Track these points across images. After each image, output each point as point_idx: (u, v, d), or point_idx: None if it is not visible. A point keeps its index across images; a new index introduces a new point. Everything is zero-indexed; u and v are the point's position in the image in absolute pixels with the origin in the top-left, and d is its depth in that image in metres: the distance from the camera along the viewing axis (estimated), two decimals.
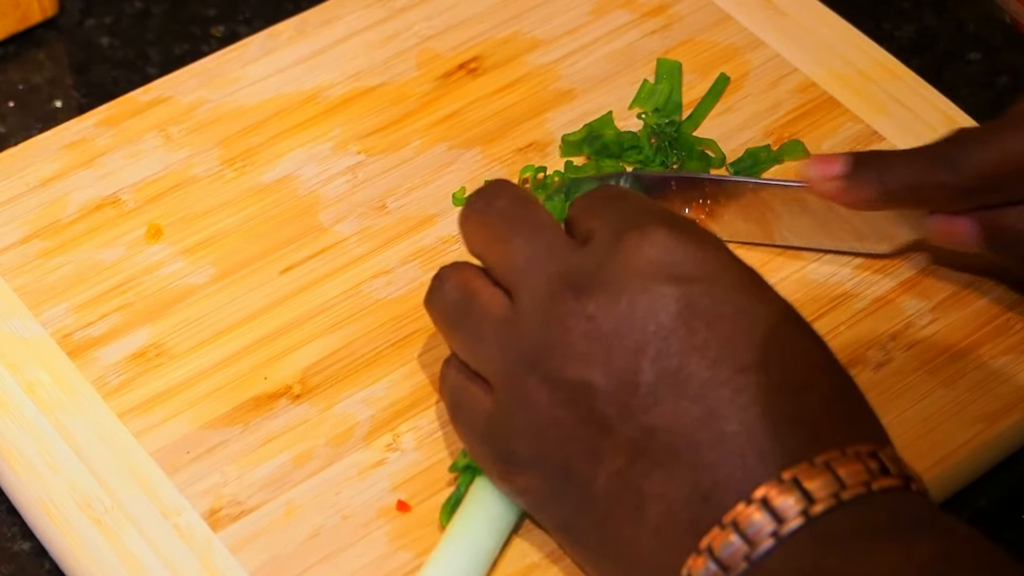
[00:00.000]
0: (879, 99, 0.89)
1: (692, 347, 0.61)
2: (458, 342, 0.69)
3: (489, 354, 0.67)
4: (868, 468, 0.60)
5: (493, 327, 0.67)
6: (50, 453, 0.74)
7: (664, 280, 0.62)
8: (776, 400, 0.60)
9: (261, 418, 0.76)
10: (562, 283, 0.64)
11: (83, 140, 0.86)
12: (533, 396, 0.64)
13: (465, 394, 0.69)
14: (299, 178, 0.85)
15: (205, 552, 0.72)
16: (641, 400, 0.62)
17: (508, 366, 0.65)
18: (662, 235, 0.63)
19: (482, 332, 0.67)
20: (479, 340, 0.67)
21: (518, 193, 0.69)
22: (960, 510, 0.76)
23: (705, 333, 0.62)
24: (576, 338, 0.63)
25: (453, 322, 0.69)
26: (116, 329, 0.79)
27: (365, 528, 0.73)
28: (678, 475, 0.61)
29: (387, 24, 0.92)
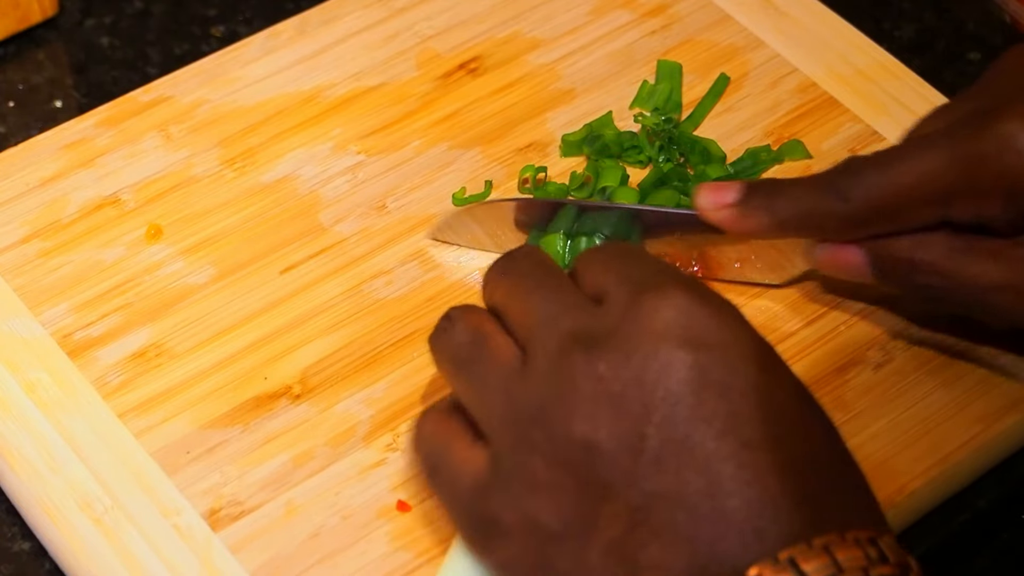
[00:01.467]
0: (879, 99, 0.89)
1: (699, 416, 0.60)
2: (462, 385, 0.67)
3: (493, 401, 0.64)
4: (867, 554, 0.58)
5: (501, 375, 0.65)
6: (50, 453, 0.74)
7: (677, 344, 0.61)
8: (779, 479, 0.59)
9: (261, 418, 0.76)
10: (574, 340, 0.62)
11: (83, 140, 0.86)
12: (534, 451, 0.62)
13: (447, 453, 0.66)
14: (299, 178, 0.85)
15: (205, 552, 0.72)
16: (644, 466, 0.60)
17: (512, 416, 0.63)
18: (680, 298, 0.62)
19: (489, 378, 0.65)
20: (485, 386, 0.65)
21: (543, 258, 0.68)
22: (960, 510, 0.76)
23: (713, 403, 0.60)
24: (584, 396, 0.61)
25: (460, 364, 0.67)
26: (116, 329, 0.79)
27: (365, 528, 0.73)
28: (676, 547, 0.59)
29: (387, 24, 0.92)
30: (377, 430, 0.76)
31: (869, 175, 0.71)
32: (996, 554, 0.78)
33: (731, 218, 0.74)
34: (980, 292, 0.71)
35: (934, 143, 0.70)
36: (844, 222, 0.72)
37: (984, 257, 0.71)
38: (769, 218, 0.73)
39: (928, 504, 0.75)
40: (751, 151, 0.86)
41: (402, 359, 0.78)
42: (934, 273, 0.72)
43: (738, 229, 0.75)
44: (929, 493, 0.75)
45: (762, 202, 0.73)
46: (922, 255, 0.72)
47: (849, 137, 0.87)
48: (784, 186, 0.74)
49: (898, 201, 0.71)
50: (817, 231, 0.74)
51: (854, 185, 0.71)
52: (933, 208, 0.71)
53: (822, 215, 0.72)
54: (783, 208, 0.73)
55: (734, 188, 0.74)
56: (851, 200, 0.71)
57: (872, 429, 0.76)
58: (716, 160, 0.85)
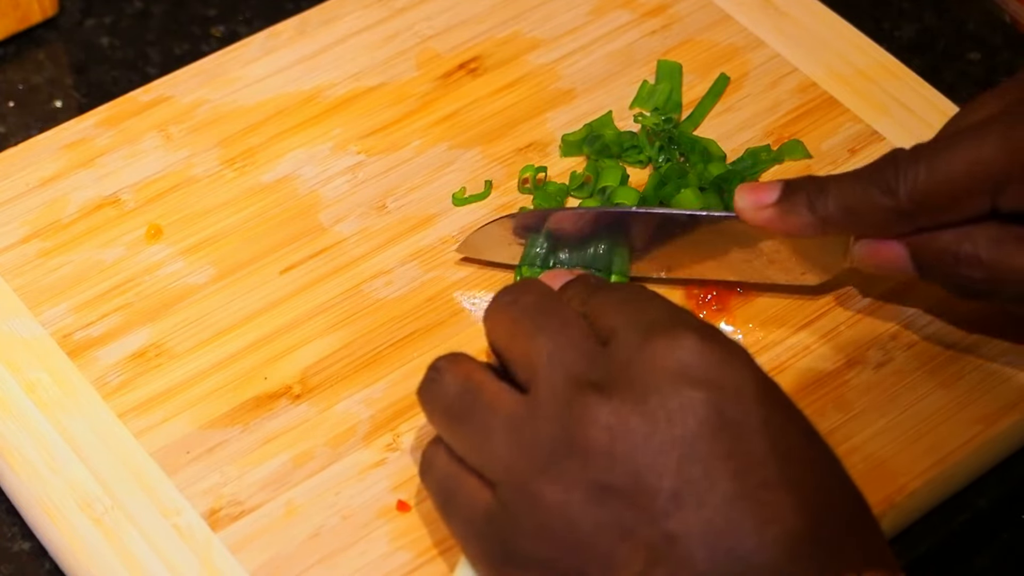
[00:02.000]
0: (879, 99, 0.89)
1: (716, 455, 0.60)
2: (459, 437, 0.66)
3: (496, 451, 0.63)
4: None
5: (502, 422, 0.64)
6: (50, 453, 0.74)
7: (693, 385, 0.61)
8: (798, 519, 0.59)
9: (261, 418, 0.76)
10: (585, 381, 0.62)
11: (83, 140, 0.86)
12: (546, 497, 0.62)
13: (460, 485, 0.66)
14: (299, 178, 0.85)
15: (205, 552, 0.72)
16: (663, 505, 0.60)
17: (519, 464, 0.62)
18: (692, 340, 0.62)
19: (489, 427, 0.64)
20: (485, 436, 0.64)
21: (545, 291, 0.67)
22: (960, 510, 0.76)
23: (729, 443, 0.60)
24: (598, 438, 0.61)
25: (454, 416, 0.66)
26: (116, 329, 0.79)
27: (365, 528, 0.73)
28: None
29: (387, 24, 0.92)
30: (377, 430, 0.76)
31: (918, 167, 0.70)
32: (996, 554, 0.78)
33: (773, 217, 0.73)
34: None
35: (985, 130, 0.69)
36: (890, 216, 0.71)
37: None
38: (812, 216, 0.72)
39: (928, 504, 0.75)
40: (751, 151, 0.86)
41: (402, 359, 0.78)
42: (979, 265, 0.70)
43: (781, 228, 0.73)
44: (929, 493, 0.75)
45: (804, 199, 0.72)
46: (967, 248, 0.70)
47: (849, 137, 0.87)
48: (826, 182, 0.73)
49: (950, 191, 0.69)
50: (862, 227, 0.73)
51: (900, 178, 0.70)
52: (984, 197, 0.69)
53: (868, 210, 0.71)
54: (827, 205, 0.72)
55: (774, 187, 0.73)
56: (899, 194, 0.70)
57: (872, 429, 0.76)
58: (716, 160, 0.85)
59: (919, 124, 0.87)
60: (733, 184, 0.84)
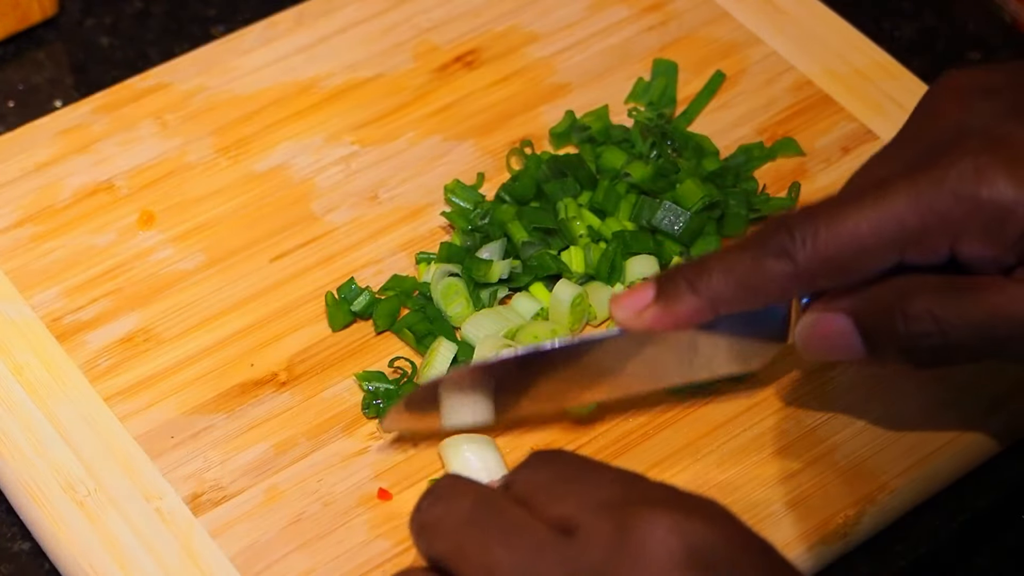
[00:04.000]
0: (874, 98, 0.89)
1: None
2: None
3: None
4: None
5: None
6: (35, 435, 0.75)
7: (686, 571, 0.55)
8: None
9: (246, 405, 0.77)
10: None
11: (79, 126, 0.87)
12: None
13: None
14: (293, 167, 0.86)
15: (186, 536, 0.72)
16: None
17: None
18: (668, 517, 0.56)
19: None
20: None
21: (479, 490, 0.59)
22: (960, 510, 0.76)
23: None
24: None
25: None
26: (105, 314, 0.80)
27: (345, 515, 0.73)
28: None
29: (386, 16, 0.92)
30: (360, 419, 0.76)
31: (816, 227, 0.64)
32: (996, 554, 0.78)
33: (657, 315, 0.67)
34: (988, 330, 0.64)
35: (890, 187, 0.64)
36: (789, 281, 0.65)
37: (981, 291, 0.64)
38: (698, 298, 0.66)
39: (910, 502, 0.75)
40: (744, 148, 0.86)
41: (388, 349, 0.79)
42: (932, 319, 0.65)
43: (670, 324, 0.67)
44: (911, 491, 0.75)
45: (684, 286, 0.66)
46: (914, 302, 0.65)
47: (843, 135, 0.87)
48: (706, 261, 0.67)
49: (855, 250, 0.64)
50: (757, 299, 0.67)
51: (799, 240, 0.64)
52: (893, 253, 0.64)
53: (762, 279, 0.65)
54: (711, 283, 0.66)
55: (647, 286, 0.67)
56: (796, 257, 0.64)
57: (854, 427, 0.76)
58: (709, 155, 0.85)
59: None
60: (727, 180, 0.84)
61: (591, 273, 0.81)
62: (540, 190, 0.83)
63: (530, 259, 0.80)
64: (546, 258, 0.80)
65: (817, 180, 0.86)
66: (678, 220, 0.81)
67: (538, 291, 0.80)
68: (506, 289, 0.80)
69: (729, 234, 0.83)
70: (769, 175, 0.86)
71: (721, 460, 0.75)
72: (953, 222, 0.63)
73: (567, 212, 0.81)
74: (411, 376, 0.77)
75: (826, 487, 0.74)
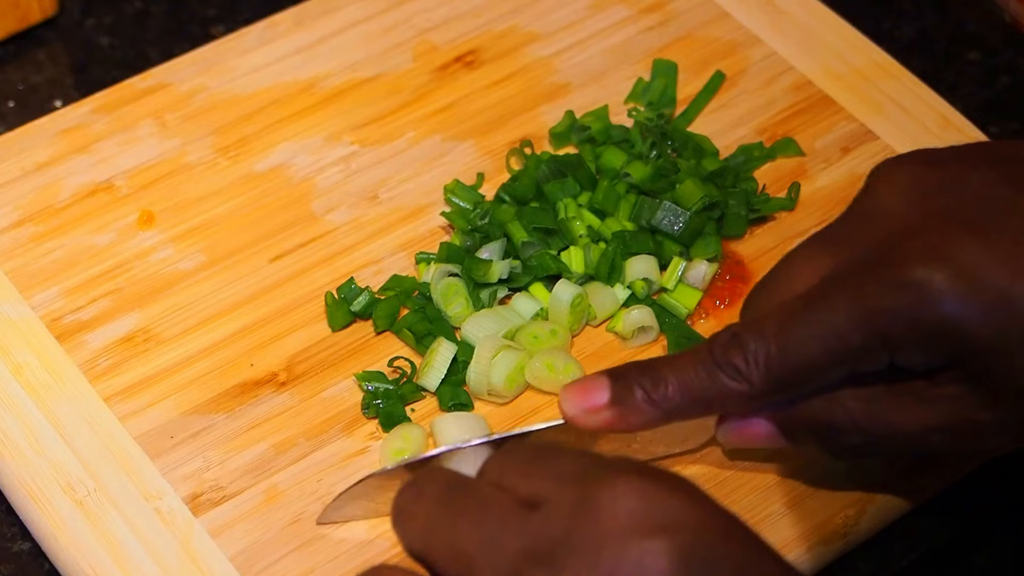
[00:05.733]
0: (874, 98, 0.89)
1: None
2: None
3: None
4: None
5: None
6: (35, 435, 0.75)
7: (648, 533, 0.55)
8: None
9: (246, 405, 0.77)
10: (526, 559, 0.56)
11: (79, 126, 0.87)
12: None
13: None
14: (292, 167, 0.86)
15: (186, 536, 0.72)
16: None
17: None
18: (634, 483, 0.56)
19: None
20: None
21: (449, 475, 0.60)
22: (962, 511, 0.76)
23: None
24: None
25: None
26: (105, 313, 0.80)
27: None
28: None
29: (386, 16, 0.92)
30: (360, 419, 0.76)
31: (768, 347, 0.64)
32: (996, 554, 0.78)
33: (611, 420, 0.66)
34: (910, 437, 0.66)
35: (831, 301, 0.64)
36: (744, 400, 0.65)
37: (910, 403, 0.65)
38: (655, 410, 0.66)
39: (910, 502, 0.75)
40: (743, 148, 0.86)
41: (388, 350, 0.79)
42: (856, 431, 0.66)
43: (621, 429, 0.67)
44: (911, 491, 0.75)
45: (640, 395, 0.66)
46: (840, 414, 0.66)
47: (843, 136, 0.87)
48: (660, 370, 0.66)
49: (806, 369, 0.64)
50: (711, 412, 0.67)
51: (752, 361, 0.64)
52: (841, 368, 0.64)
53: (718, 397, 0.65)
54: (667, 396, 0.65)
55: (601, 385, 0.66)
56: (751, 379, 0.64)
57: None
58: (709, 155, 0.85)
59: (914, 124, 0.87)
60: (727, 180, 0.84)
61: (591, 273, 0.81)
62: (540, 190, 0.83)
63: (530, 259, 0.80)
64: (546, 258, 0.80)
65: (817, 180, 0.86)
66: (678, 220, 0.81)
67: (538, 291, 0.80)
68: (506, 289, 0.80)
69: (729, 234, 0.83)
70: (769, 175, 0.86)
71: (721, 460, 0.75)
72: (894, 338, 0.63)
73: (567, 212, 0.81)
74: (410, 376, 0.77)
75: (826, 487, 0.74)
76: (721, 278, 0.82)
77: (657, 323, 0.79)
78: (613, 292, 0.80)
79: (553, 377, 0.77)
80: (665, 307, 0.80)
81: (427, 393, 0.77)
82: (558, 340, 0.78)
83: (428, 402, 0.77)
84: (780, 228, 0.84)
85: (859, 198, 0.68)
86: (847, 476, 0.74)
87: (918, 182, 0.66)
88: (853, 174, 0.86)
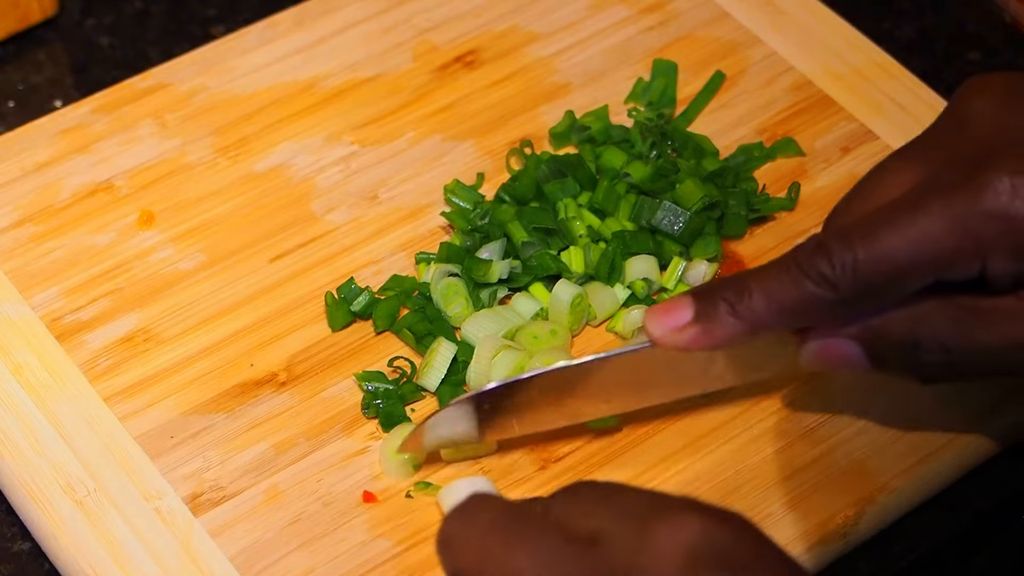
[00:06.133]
0: (874, 98, 0.89)
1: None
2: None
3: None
4: None
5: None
6: (35, 435, 0.75)
7: (707, 569, 0.55)
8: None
9: (246, 405, 0.77)
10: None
11: (79, 126, 0.87)
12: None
13: None
14: (292, 167, 0.86)
15: (186, 536, 0.72)
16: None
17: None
18: (695, 521, 0.55)
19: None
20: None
21: (503, 503, 0.60)
22: (961, 511, 0.76)
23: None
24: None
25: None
26: (105, 313, 0.80)
27: (345, 515, 0.73)
28: None
29: (386, 16, 0.92)
30: (360, 419, 0.76)
31: (855, 252, 0.63)
32: (996, 554, 0.78)
33: (697, 336, 0.65)
34: (999, 355, 0.65)
35: (924, 206, 0.63)
36: (831, 308, 0.64)
37: (997, 319, 0.64)
38: (740, 322, 0.65)
39: (910, 502, 0.75)
40: (743, 148, 0.86)
41: (388, 350, 0.79)
42: (941, 349, 0.65)
43: (708, 345, 0.65)
44: (911, 491, 0.75)
45: (725, 308, 0.65)
46: (926, 333, 0.65)
47: (843, 136, 0.87)
48: (745, 282, 0.65)
49: (894, 275, 0.63)
50: (798, 322, 0.66)
51: (839, 267, 0.64)
52: (929, 274, 0.64)
53: (804, 306, 0.64)
54: (753, 307, 0.65)
55: (685, 304, 0.66)
56: (838, 285, 0.64)
57: (856, 426, 0.76)
58: (709, 155, 0.85)
59: (913, 123, 0.87)
60: (727, 180, 0.84)
61: (591, 273, 0.81)
62: (540, 190, 0.83)
63: (530, 259, 0.80)
64: (546, 258, 0.80)
65: (817, 180, 0.86)
66: (678, 220, 0.81)
67: (538, 291, 0.80)
68: (506, 289, 0.80)
69: (729, 234, 0.83)
70: (769, 175, 0.86)
71: (721, 460, 0.75)
72: (987, 242, 0.63)
73: (567, 212, 0.81)
74: (410, 376, 0.77)
75: (826, 487, 0.74)
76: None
77: None
78: (613, 292, 0.80)
79: None
80: None
81: (427, 393, 0.77)
82: (558, 340, 0.78)
83: (428, 402, 0.77)
84: (780, 228, 0.84)
85: (948, 110, 0.67)
86: (847, 476, 0.74)
87: (1009, 94, 0.66)
88: (853, 174, 0.86)
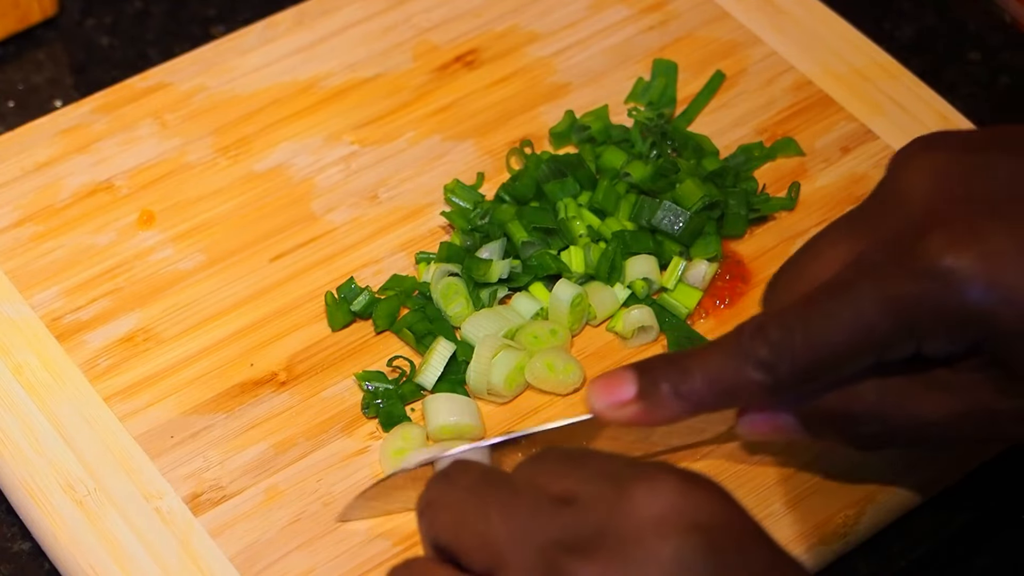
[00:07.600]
0: (874, 98, 0.89)
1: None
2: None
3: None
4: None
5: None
6: (35, 435, 0.75)
7: (684, 529, 0.55)
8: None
9: (245, 404, 0.77)
10: (559, 550, 0.56)
11: (79, 126, 0.87)
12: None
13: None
14: (292, 167, 0.86)
15: (186, 536, 0.72)
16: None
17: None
18: (672, 482, 0.56)
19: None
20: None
21: (482, 467, 0.60)
22: (961, 510, 0.76)
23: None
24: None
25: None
26: (105, 313, 0.80)
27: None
28: None
29: (386, 15, 0.92)
30: (360, 419, 0.76)
31: (793, 339, 0.63)
32: (996, 554, 0.78)
33: (638, 413, 0.65)
34: (931, 425, 0.65)
35: (859, 291, 0.63)
36: (770, 392, 0.64)
37: (927, 391, 0.65)
38: (682, 403, 0.64)
39: (910, 502, 0.75)
40: (743, 148, 0.86)
41: (388, 350, 0.79)
42: (877, 420, 0.66)
43: (648, 424, 0.65)
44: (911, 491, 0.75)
45: (668, 389, 0.64)
46: (859, 406, 0.65)
47: (843, 135, 0.87)
48: (687, 363, 0.65)
49: (833, 360, 0.63)
50: (738, 404, 0.67)
51: (777, 353, 0.63)
52: (868, 357, 0.64)
53: (744, 390, 0.64)
54: (695, 389, 0.64)
55: (628, 379, 0.65)
56: (778, 370, 0.63)
57: None
58: (709, 155, 0.85)
59: (913, 123, 0.87)
60: (727, 180, 0.84)
61: (591, 273, 0.81)
62: (540, 190, 0.83)
63: (530, 259, 0.80)
64: (546, 258, 0.80)
65: (817, 180, 0.86)
66: (678, 220, 0.81)
67: (538, 291, 0.80)
68: (506, 289, 0.80)
69: (729, 234, 0.83)
70: (769, 175, 0.86)
71: (721, 460, 0.75)
72: (921, 326, 0.63)
73: (567, 212, 0.81)
74: (410, 376, 0.77)
75: (826, 487, 0.74)
76: (721, 278, 0.82)
77: (657, 323, 0.79)
78: (613, 292, 0.80)
79: (553, 377, 0.77)
80: (665, 307, 0.80)
81: (426, 392, 0.77)
82: (558, 340, 0.78)
83: None
84: (780, 228, 0.84)
85: (884, 182, 0.67)
86: (847, 476, 0.74)
87: (943, 166, 0.65)
88: (853, 174, 0.86)
